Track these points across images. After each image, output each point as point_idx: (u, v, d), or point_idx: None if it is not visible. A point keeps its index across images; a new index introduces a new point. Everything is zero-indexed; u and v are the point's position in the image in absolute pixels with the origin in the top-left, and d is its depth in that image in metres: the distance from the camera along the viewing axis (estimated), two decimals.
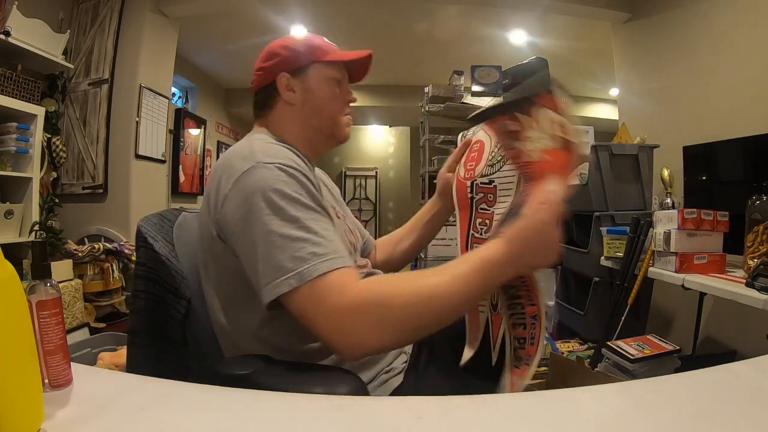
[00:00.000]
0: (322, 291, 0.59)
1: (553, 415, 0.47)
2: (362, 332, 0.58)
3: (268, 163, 0.66)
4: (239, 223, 0.64)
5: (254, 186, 0.64)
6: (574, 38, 3.73)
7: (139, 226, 0.80)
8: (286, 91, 0.81)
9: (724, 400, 0.49)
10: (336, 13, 3.53)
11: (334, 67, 0.83)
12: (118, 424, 0.44)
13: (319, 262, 0.60)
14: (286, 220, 0.62)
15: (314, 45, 0.83)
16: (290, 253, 0.60)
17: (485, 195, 0.81)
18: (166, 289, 0.77)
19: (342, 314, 0.58)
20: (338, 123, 0.84)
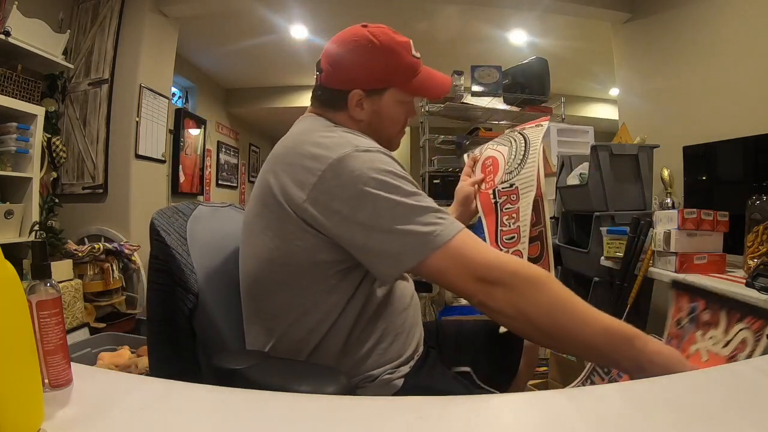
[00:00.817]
0: (462, 249, 0.63)
1: (553, 415, 0.47)
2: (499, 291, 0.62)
3: (368, 148, 0.68)
4: (349, 202, 0.64)
5: (363, 167, 0.65)
6: (574, 38, 3.73)
7: (152, 219, 0.81)
8: (356, 107, 0.79)
9: (724, 400, 0.49)
10: (336, 13, 3.53)
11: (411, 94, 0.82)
12: (118, 424, 0.44)
13: (450, 224, 0.64)
14: (405, 195, 0.65)
15: (399, 68, 0.80)
16: (423, 220, 0.63)
17: (508, 196, 0.96)
18: (176, 283, 0.78)
19: (488, 270, 0.62)
20: (394, 141, 0.86)
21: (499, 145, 1.05)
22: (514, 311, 0.62)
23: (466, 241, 0.64)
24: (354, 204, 0.64)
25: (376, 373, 0.75)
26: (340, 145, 0.67)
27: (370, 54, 0.77)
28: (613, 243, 1.85)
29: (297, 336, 0.71)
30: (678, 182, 2.03)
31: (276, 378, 0.58)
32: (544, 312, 0.61)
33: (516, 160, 0.98)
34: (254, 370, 0.61)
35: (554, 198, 2.50)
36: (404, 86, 0.80)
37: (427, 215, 0.64)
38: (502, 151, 1.03)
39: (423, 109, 3.42)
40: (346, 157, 0.66)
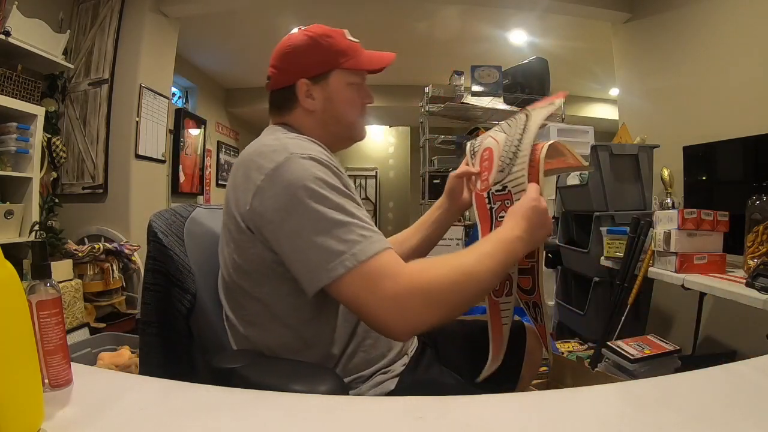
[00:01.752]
0: (375, 273, 0.61)
1: (553, 415, 0.47)
2: (419, 313, 0.61)
3: (302, 155, 0.67)
4: (279, 213, 0.64)
5: (293, 176, 0.65)
6: (574, 38, 3.73)
7: (150, 221, 0.81)
8: (306, 98, 0.79)
9: (724, 400, 0.49)
10: (336, 13, 3.53)
11: (357, 72, 0.82)
12: (118, 424, 0.44)
13: (369, 243, 0.62)
14: (331, 207, 0.63)
15: (337, 48, 0.80)
16: (342, 236, 0.62)
17: (502, 202, 0.83)
18: (173, 283, 0.78)
19: (399, 297, 0.60)
20: (356, 126, 0.84)
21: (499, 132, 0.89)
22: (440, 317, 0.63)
23: (386, 260, 0.62)
24: (283, 214, 0.64)
25: (368, 373, 0.74)
26: (278, 152, 0.68)
27: (307, 45, 0.79)
28: (613, 243, 1.85)
29: (275, 341, 0.72)
30: (678, 182, 2.03)
31: (270, 377, 0.58)
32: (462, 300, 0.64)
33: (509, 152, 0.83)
34: (249, 369, 0.62)
35: (554, 198, 2.50)
36: (347, 65, 0.80)
37: (349, 230, 0.62)
38: (499, 139, 0.87)
39: (423, 109, 3.42)
40: (281, 166, 0.66)
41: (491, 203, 0.84)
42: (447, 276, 0.63)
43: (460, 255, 0.68)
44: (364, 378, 0.74)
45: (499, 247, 0.69)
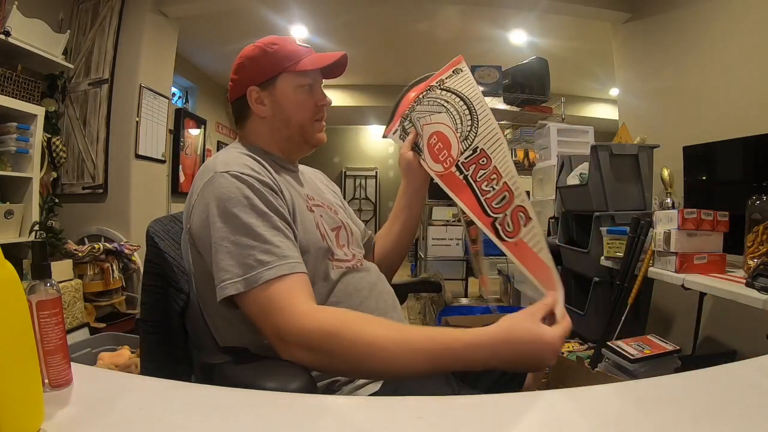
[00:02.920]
0: (267, 301, 0.63)
1: (553, 415, 0.47)
2: (296, 351, 0.61)
3: (224, 171, 0.70)
4: (201, 230, 0.70)
5: (211, 194, 0.69)
6: (574, 38, 3.73)
7: (148, 227, 0.86)
8: (256, 104, 0.82)
9: (724, 400, 0.49)
10: (336, 13, 3.53)
11: (305, 74, 0.82)
12: (118, 424, 0.44)
13: (265, 269, 0.64)
14: (236, 228, 0.66)
15: (282, 54, 0.81)
16: (238, 259, 0.65)
17: (477, 162, 0.82)
18: (169, 284, 0.82)
19: (281, 332, 0.62)
20: (308, 131, 0.85)
21: (433, 115, 0.89)
22: (322, 367, 0.63)
23: (276, 292, 0.63)
24: (202, 231, 0.69)
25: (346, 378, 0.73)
26: (208, 170, 0.72)
27: (255, 54, 0.82)
28: (613, 243, 1.85)
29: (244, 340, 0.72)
30: (678, 182, 2.03)
31: (246, 374, 0.60)
32: (349, 362, 0.60)
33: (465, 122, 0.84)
34: (228, 366, 0.63)
35: (554, 198, 2.50)
36: (292, 67, 0.81)
37: (248, 254, 0.64)
38: (443, 120, 0.87)
39: None
40: (206, 185, 0.70)
41: (464, 171, 0.82)
42: (326, 325, 0.60)
43: (383, 324, 0.63)
44: (344, 382, 0.73)
45: (435, 356, 0.58)
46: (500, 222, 0.77)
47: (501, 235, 0.77)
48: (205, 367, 0.65)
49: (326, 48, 3.85)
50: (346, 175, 7.76)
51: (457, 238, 3.75)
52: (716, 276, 1.39)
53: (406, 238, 1.02)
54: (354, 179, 7.78)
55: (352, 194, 7.73)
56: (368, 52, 4.26)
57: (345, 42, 3.97)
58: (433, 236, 3.74)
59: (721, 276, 1.39)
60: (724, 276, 1.39)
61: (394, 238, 1.02)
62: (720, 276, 1.39)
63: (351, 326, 0.61)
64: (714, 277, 1.39)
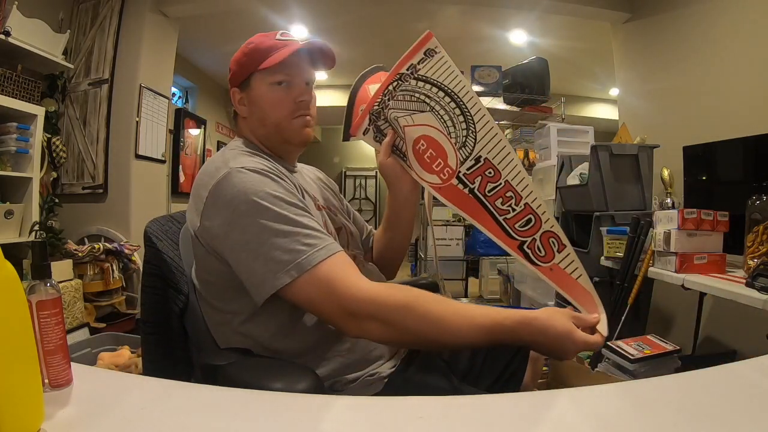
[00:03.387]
0: (327, 279, 0.63)
1: (553, 415, 0.47)
2: (365, 321, 0.63)
3: (240, 167, 0.69)
4: (223, 227, 0.67)
5: (233, 190, 0.67)
6: (574, 38, 3.73)
7: (146, 228, 0.85)
8: (240, 105, 0.83)
9: (724, 400, 0.49)
10: (336, 13, 3.53)
11: (276, 70, 0.78)
12: (118, 424, 0.44)
13: (315, 251, 0.64)
14: (272, 219, 0.65)
15: (255, 53, 0.79)
16: (286, 246, 0.63)
17: (483, 175, 0.74)
18: (168, 285, 0.81)
19: (348, 302, 0.62)
20: (286, 129, 0.80)
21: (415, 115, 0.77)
22: (392, 339, 0.66)
23: (333, 270, 0.63)
24: (226, 228, 0.67)
25: (351, 377, 0.73)
26: (219, 167, 0.70)
27: (238, 55, 0.82)
28: (613, 243, 1.85)
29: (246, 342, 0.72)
30: (678, 182, 2.03)
31: (251, 375, 0.60)
32: (419, 335, 0.64)
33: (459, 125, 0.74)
34: (232, 367, 0.63)
35: (554, 198, 2.50)
36: (262, 65, 0.78)
37: (293, 240, 0.64)
38: (429, 122, 0.76)
39: None
40: (222, 181, 0.68)
41: (468, 185, 0.75)
42: (399, 299, 0.64)
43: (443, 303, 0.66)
44: (348, 381, 0.73)
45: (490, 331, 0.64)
46: (529, 246, 0.74)
47: (532, 260, 0.73)
48: (207, 368, 0.65)
49: None
50: (346, 175, 7.76)
51: (457, 238, 3.75)
52: (716, 276, 1.39)
53: (401, 243, 0.99)
54: (354, 179, 7.78)
55: (352, 194, 7.72)
56: (368, 52, 4.25)
57: (345, 42, 3.97)
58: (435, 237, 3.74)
59: (721, 276, 1.39)
60: (724, 276, 1.39)
61: (387, 243, 1.00)
62: (720, 276, 1.39)
63: (421, 301, 0.65)
64: (714, 277, 1.39)
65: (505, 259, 3.48)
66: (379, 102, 0.79)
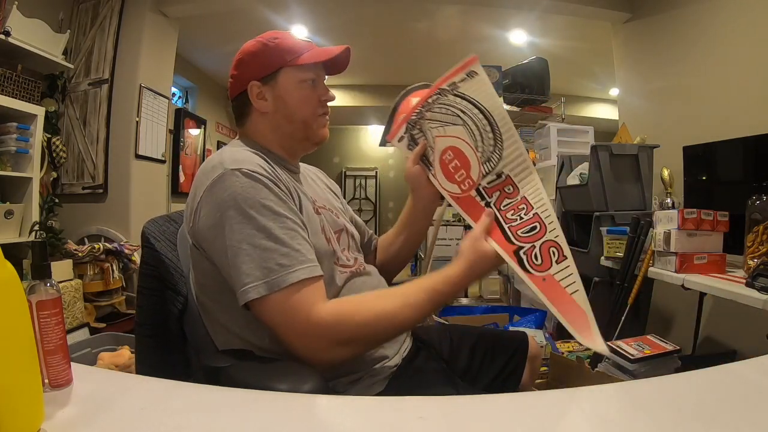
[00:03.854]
0: (289, 305, 0.63)
1: (553, 415, 0.47)
2: (325, 349, 0.65)
3: (234, 169, 0.68)
4: (211, 230, 0.67)
5: (223, 194, 0.66)
6: (574, 38, 3.73)
7: (143, 228, 0.84)
8: (258, 99, 0.80)
9: (724, 400, 0.49)
10: (336, 12, 3.53)
11: (307, 68, 0.80)
12: (118, 424, 0.44)
13: (285, 273, 0.63)
14: (255, 229, 0.65)
15: (283, 47, 0.79)
16: (259, 262, 0.63)
17: (502, 191, 0.77)
18: (166, 286, 0.80)
19: (308, 333, 0.63)
20: (311, 126, 0.82)
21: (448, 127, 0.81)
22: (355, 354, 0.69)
23: (300, 296, 0.63)
24: (213, 232, 0.67)
25: (351, 378, 0.74)
26: (215, 167, 0.69)
27: (256, 49, 0.80)
28: (613, 243, 1.85)
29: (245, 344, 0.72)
30: (678, 182, 2.03)
31: (255, 376, 0.59)
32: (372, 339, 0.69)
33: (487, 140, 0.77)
34: (235, 369, 0.63)
35: (554, 198, 2.50)
36: (294, 62, 0.79)
37: (269, 257, 0.64)
38: (460, 134, 0.79)
39: None
40: (215, 183, 0.68)
41: (485, 198, 0.78)
42: (360, 318, 0.66)
43: (385, 297, 0.71)
44: (350, 381, 0.73)
45: (431, 300, 0.70)
46: (526, 252, 0.72)
47: (525, 266, 0.71)
48: (209, 371, 0.64)
49: None
50: (346, 175, 7.75)
51: (457, 238, 3.74)
52: (716, 276, 1.39)
53: (408, 252, 1.00)
54: (354, 179, 7.77)
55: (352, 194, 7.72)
56: (368, 52, 4.25)
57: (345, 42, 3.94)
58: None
59: (721, 276, 1.39)
60: (724, 276, 1.39)
61: (396, 250, 0.99)
62: (720, 276, 1.39)
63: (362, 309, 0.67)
64: (714, 277, 1.39)
65: None
66: (418, 113, 0.83)
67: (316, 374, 0.61)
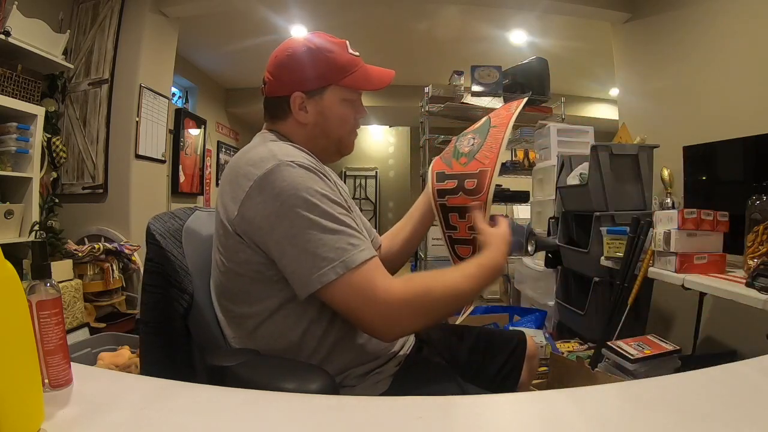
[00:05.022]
0: (365, 280, 0.65)
1: (553, 415, 0.47)
2: (405, 319, 0.67)
3: (291, 161, 0.68)
4: (268, 219, 0.66)
5: (283, 183, 0.66)
6: (574, 38, 3.73)
7: (149, 224, 0.83)
8: (299, 110, 0.79)
9: (724, 400, 0.49)
10: (336, 13, 3.53)
11: (358, 91, 0.82)
12: (118, 424, 0.44)
13: (358, 251, 0.65)
14: (320, 215, 0.66)
15: (336, 64, 0.79)
16: (332, 244, 0.65)
17: None
18: (171, 284, 0.80)
19: (388, 304, 0.65)
20: (345, 142, 0.84)
21: None
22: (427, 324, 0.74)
23: (371, 273, 0.66)
24: (273, 221, 0.66)
25: (360, 371, 0.75)
26: (266, 159, 0.69)
27: (306, 56, 0.78)
28: (613, 243, 1.85)
29: (263, 342, 0.72)
30: (678, 182, 2.03)
31: (262, 375, 0.59)
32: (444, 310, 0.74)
33: None
34: (242, 368, 0.63)
35: (554, 198, 2.50)
36: (344, 82, 0.79)
37: (339, 238, 0.65)
38: None
39: (423, 109, 3.42)
40: (269, 173, 0.67)
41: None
42: (433, 289, 0.70)
43: (448, 272, 0.75)
44: (356, 376, 0.74)
45: (482, 273, 0.76)
46: None
47: None
48: (215, 370, 0.64)
49: None
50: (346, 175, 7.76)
51: None
52: (716, 276, 1.39)
53: (411, 246, 1.04)
54: (354, 179, 7.78)
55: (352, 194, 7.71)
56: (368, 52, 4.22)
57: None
58: (433, 236, 3.74)
59: (721, 276, 1.39)
60: (724, 276, 1.39)
61: (400, 243, 1.03)
62: (720, 276, 1.39)
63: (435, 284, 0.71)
64: (714, 277, 1.39)
65: None
66: None
67: (324, 373, 0.61)
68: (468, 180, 0.88)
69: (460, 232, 0.91)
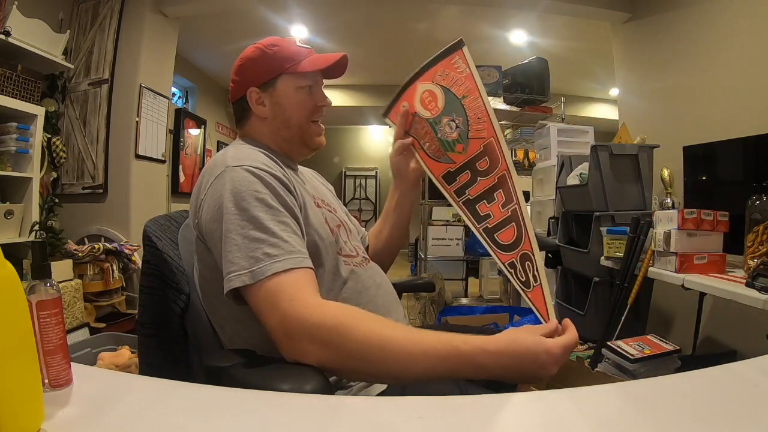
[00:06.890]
0: (274, 292, 0.62)
1: (554, 415, 0.47)
2: (306, 343, 0.59)
3: (236, 166, 0.71)
4: (211, 223, 0.70)
5: (222, 188, 0.69)
6: (574, 38, 3.73)
7: (145, 227, 0.85)
8: (257, 105, 0.83)
9: (724, 400, 0.49)
10: (336, 13, 3.53)
11: (305, 75, 0.83)
12: (118, 424, 0.44)
13: (272, 262, 0.64)
14: (246, 220, 0.66)
15: (283, 55, 0.82)
16: (246, 251, 0.64)
17: None
18: (168, 285, 0.81)
19: (286, 323, 0.60)
20: (307, 132, 0.85)
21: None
22: (330, 364, 0.59)
23: (283, 285, 0.62)
24: (212, 225, 0.69)
25: None
26: (219, 166, 0.72)
27: (256, 55, 0.83)
28: (613, 243, 1.85)
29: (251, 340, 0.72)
30: (678, 182, 2.03)
31: (256, 377, 0.59)
32: (362, 359, 0.58)
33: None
34: (238, 369, 0.62)
35: (554, 198, 2.50)
36: (292, 69, 0.82)
37: (256, 247, 0.64)
38: None
39: None
40: (217, 179, 0.71)
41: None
42: (352, 329, 0.58)
43: (395, 327, 0.62)
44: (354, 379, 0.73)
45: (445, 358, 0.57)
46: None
47: None
48: (211, 370, 0.64)
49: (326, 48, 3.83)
50: (346, 175, 7.76)
51: (457, 238, 3.75)
52: (716, 276, 1.39)
53: (398, 239, 1.04)
54: (354, 179, 7.78)
55: (352, 194, 7.72)
56: (368, 52, 4.26)
57: (345, 42, 3.97)
58: (433, 236, 3.74)
59: (721, 276, 1.39)
60: (724, 276, 1.39)
61: (385, 238, 1.04)
62: (720, 276, 1.39)
63: (362, 321, 0.60)
64: (714, 277, 1.39)
65: None
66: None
67: (318, 374, 0.60)
68: (479, 162, 0.81)
69: (495, 216, 0.78)
